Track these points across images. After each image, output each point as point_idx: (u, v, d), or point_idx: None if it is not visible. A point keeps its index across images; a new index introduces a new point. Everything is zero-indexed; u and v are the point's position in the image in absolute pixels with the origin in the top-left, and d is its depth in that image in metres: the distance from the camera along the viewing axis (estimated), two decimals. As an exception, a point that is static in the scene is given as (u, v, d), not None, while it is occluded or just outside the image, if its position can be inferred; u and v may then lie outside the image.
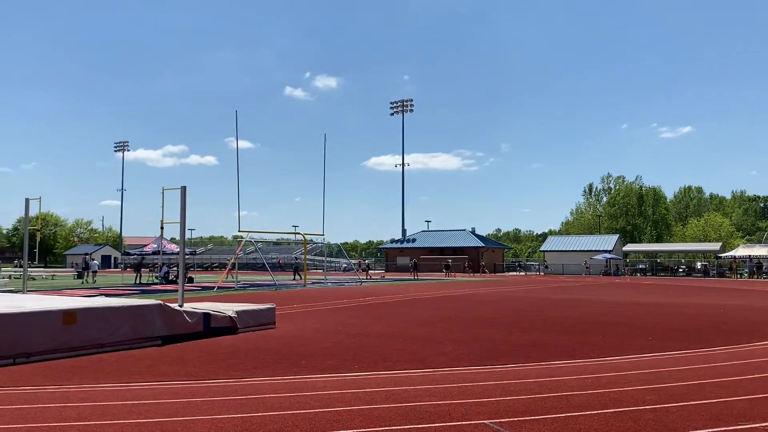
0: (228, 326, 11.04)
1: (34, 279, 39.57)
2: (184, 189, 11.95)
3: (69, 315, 8.70)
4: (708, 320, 14.31)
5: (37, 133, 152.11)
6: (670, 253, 66.97)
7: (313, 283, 34.35)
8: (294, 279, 38.94)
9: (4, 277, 35.29)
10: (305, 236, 35.81)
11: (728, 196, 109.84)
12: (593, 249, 61.83)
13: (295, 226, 76.43)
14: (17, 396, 6.10)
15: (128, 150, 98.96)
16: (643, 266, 63.34)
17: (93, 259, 39.23)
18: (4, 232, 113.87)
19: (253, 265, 68.07)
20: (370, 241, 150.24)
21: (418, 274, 49.49)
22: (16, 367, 7.69)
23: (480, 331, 11.87)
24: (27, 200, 17.03)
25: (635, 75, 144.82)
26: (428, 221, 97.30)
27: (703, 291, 28.94)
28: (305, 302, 19.38)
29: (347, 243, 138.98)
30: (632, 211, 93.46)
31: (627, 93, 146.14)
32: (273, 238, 48.58)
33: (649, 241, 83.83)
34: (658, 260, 64.63)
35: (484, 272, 61.62)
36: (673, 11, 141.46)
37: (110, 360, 8.27)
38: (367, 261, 63.27)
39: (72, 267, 70.57)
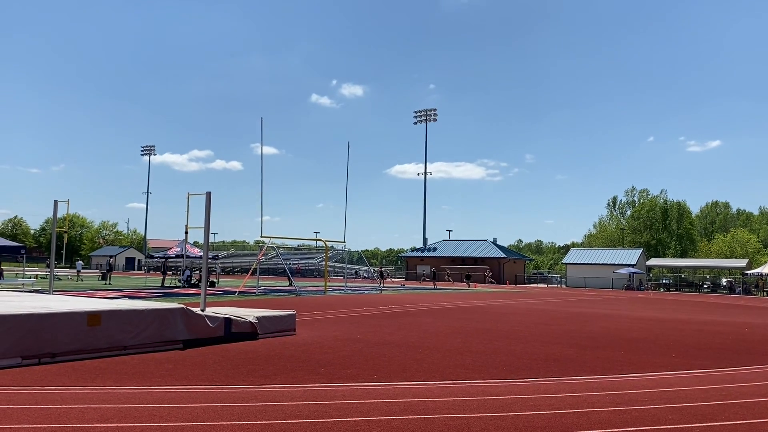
0: (248, 332, 11.12)
1: (59, 279, 40.21)
2: (209, 195, 12.07)
3: (94, 317, 8.83)
4: (733, 339, 14.06)
5: (66, 135, 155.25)
6: (695, 268, 66.03)
7: (334, 290, 34.42)
8: (289, 285, 36.93)
9: (31, 277, 35.89)
10: (326, 243, 35.93)
11: (756, 212, 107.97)
12: (616, 263, 61.16)
13: (317, 233, 76.93)
14: (42, 396, 6.20)
15: (154, 154, 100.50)
16: (667, 281, 62.51)
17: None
18: (32, 232, 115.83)
19: (274, 271, 68.47)
20: (390, 248, 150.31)
21: (438, 283, 49.39)
22: (40, 367, 7.82)
23: (500, 343, 11.80)
24: (55, 202, 17.34)
25: (663, 87, 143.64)
26: (449, 230, 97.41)
27: (729, 308, 28.44)
28: (325, 309, 19.43)
29: (368, 250, 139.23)
30: (656, 225, 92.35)
31: (654, 105, 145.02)
32: (294, 244, 48.83)
33: (674, 256, 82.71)
34: (683, 275, 63.76)
35: (491, 282, 61.14)
36: (702, 23, 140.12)
37: (132, 362, 8.37)
38: (382, 268, 63.30)
39: (97, 268, 71.61)
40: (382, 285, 42.42)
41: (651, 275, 64.70)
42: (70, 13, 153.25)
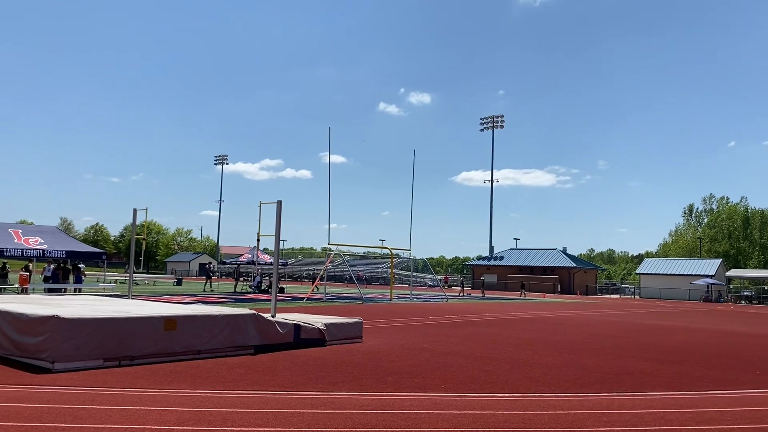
0: (317, 338, 11.26)
1: (137, 284, 41.94)
2: (279, 203, 12.32)
3: (170, 321, 9.15)
4: (824, 356, 13.21)
5: (145, 146, 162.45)
6: (780, 280, 62.42)
7: (399, 297, 34.46)
8: (313, 291, 33.61)
9: (111, 282, 37.59)
10: (392, 250, 36.05)
11: None
12: (693, 273, 58.63)
13: (382, 240, 77.22)
14: (122, 397, 6.47)
15: (227, 163, 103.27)
16: (749, 293, 59.34)
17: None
18: (112, 238, 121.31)
19: (340, 278, 69.18)
20: (456, 257, 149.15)
21: (486, 292, 48.72)
22: (120, 369, 8.17)
23: (570, 356, 11.50)
24: (135, 210, 18.08)
25: (746, 89, 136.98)
26: (517, 239, 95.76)
27: (818, 323, 26.75)
28: (391, 317, 19.47)
29: (433, 258, 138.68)
30: (736, 234, 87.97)
31: (737, 108, 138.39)
32: (360, 251, 49.21)
33: (756, 267, 78.52)
34: (766, 288, 60.41)
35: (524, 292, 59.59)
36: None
37: (206, 366, 8.62)
38: (461, 278, 62.38)
39: (171, 274, 74.32)
40: (467, 294, 41.67)
41: (731, 287, 61.68)
42: (146, 30, 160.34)
